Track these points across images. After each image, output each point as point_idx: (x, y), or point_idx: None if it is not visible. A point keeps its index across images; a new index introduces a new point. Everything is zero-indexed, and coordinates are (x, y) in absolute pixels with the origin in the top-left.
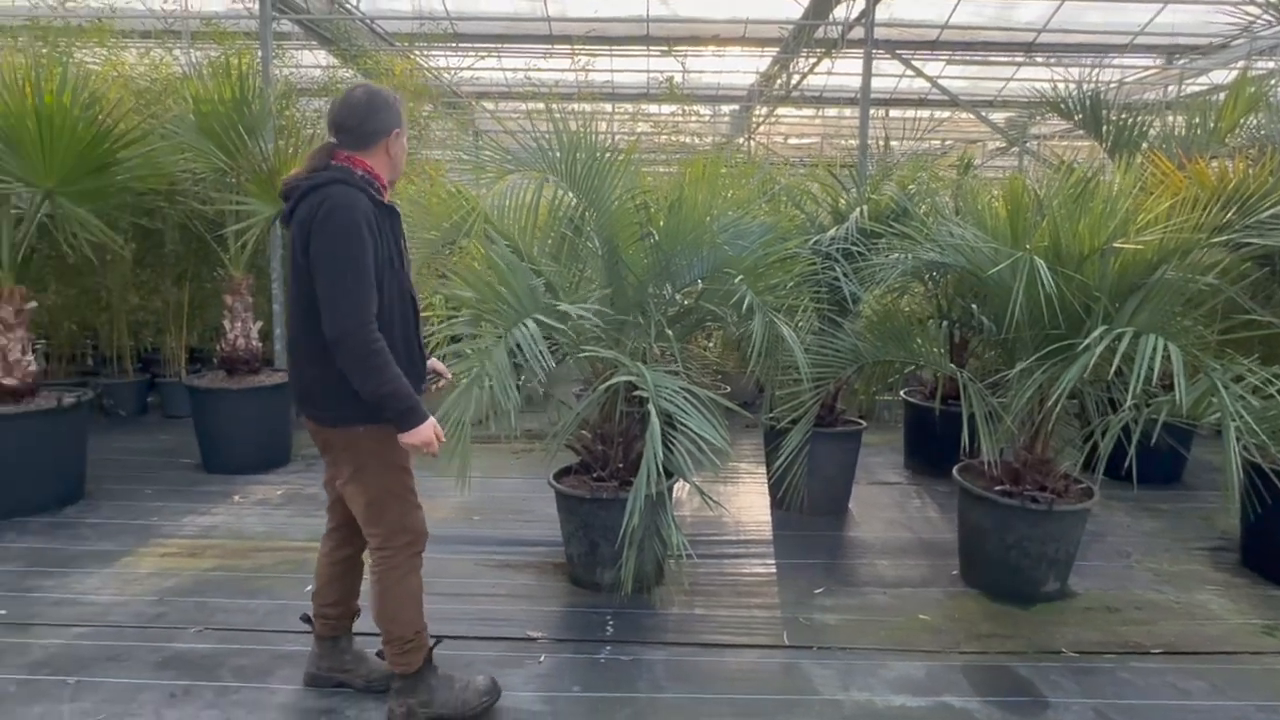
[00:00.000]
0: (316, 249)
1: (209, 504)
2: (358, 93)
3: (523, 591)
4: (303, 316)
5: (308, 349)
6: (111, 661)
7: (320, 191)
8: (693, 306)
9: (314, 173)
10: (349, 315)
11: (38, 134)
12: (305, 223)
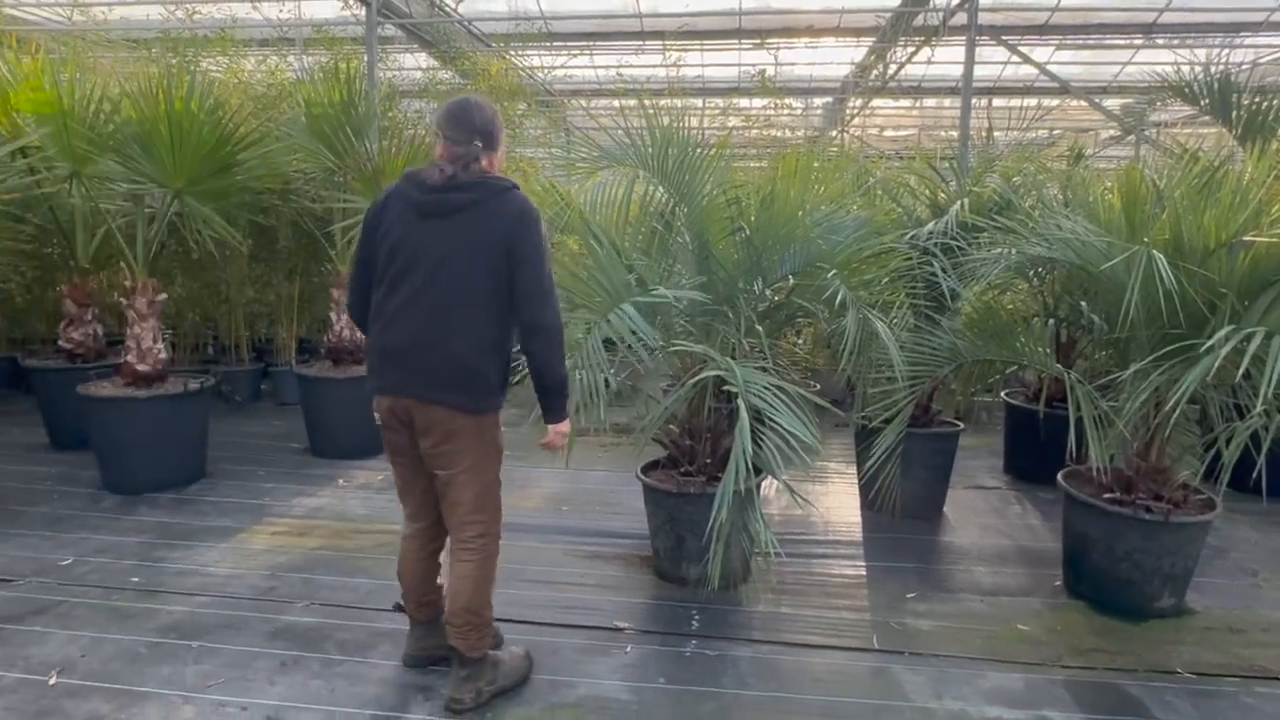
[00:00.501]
0: (527, 246)
1: (316, 487)
2: (480, 100)
3: (610, 582)
4: (482, 309)
5: (478, 339)
6: (229, 630)
7: (511, 195)
8: (783, 302)
9: (485, 176)
10: (555, 306)
11: (169, 138)
12: (515, 228)
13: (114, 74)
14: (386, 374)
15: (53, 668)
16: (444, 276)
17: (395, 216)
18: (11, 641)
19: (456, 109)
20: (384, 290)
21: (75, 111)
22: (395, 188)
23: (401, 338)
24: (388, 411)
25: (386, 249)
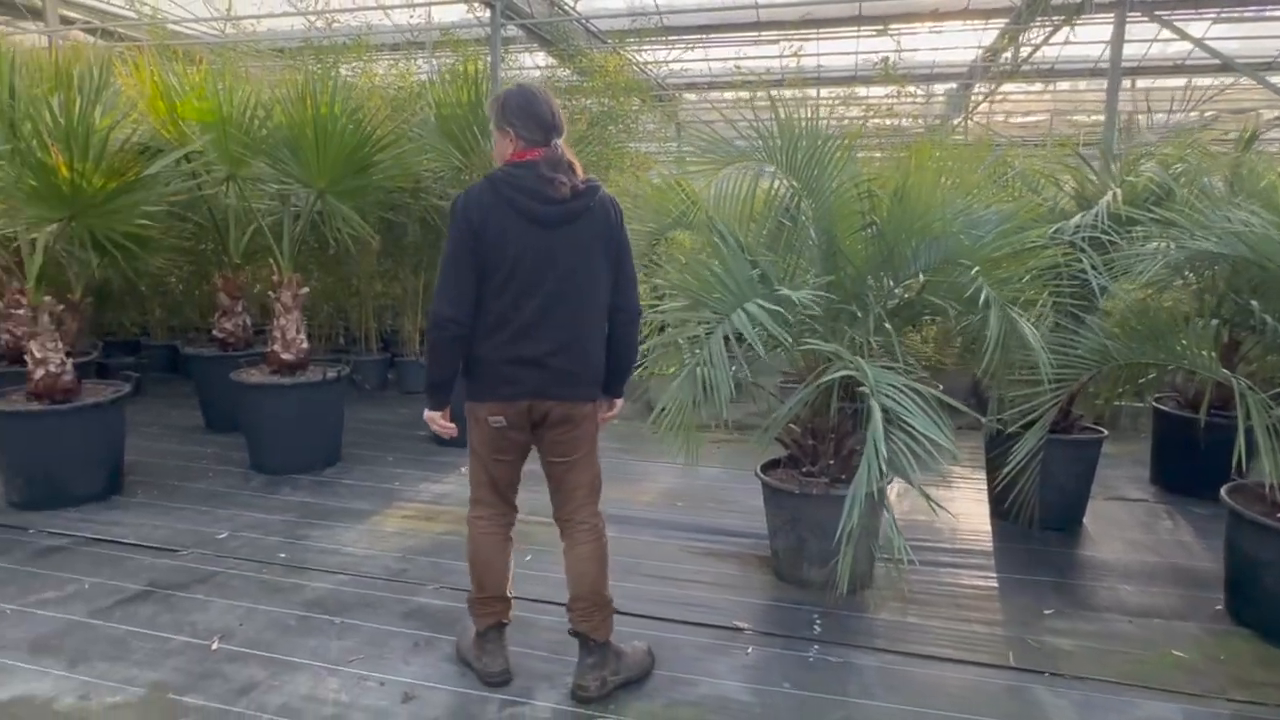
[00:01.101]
0: (624, 236)
1: (441, 473)
2: (543, 90)
3: (727, 581)
4: (602, 305)
5: (597, 332)
6: (367, 608)
7: (603, 190)
8: (912, 299)
9: (586, 178)
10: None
11: (314, 141)
12: (615, 219)
13: (264, 82)
14: (526, 381)
15: (214, 634)
16: (575, 283)
17: (507, 225)
18: (179, 607)
19: (530, 103)
20: (507, 299)
21: (233, 118)
22: (494, 196)
23: (542, 346)
24: (520, 414)
25: (505, 258)
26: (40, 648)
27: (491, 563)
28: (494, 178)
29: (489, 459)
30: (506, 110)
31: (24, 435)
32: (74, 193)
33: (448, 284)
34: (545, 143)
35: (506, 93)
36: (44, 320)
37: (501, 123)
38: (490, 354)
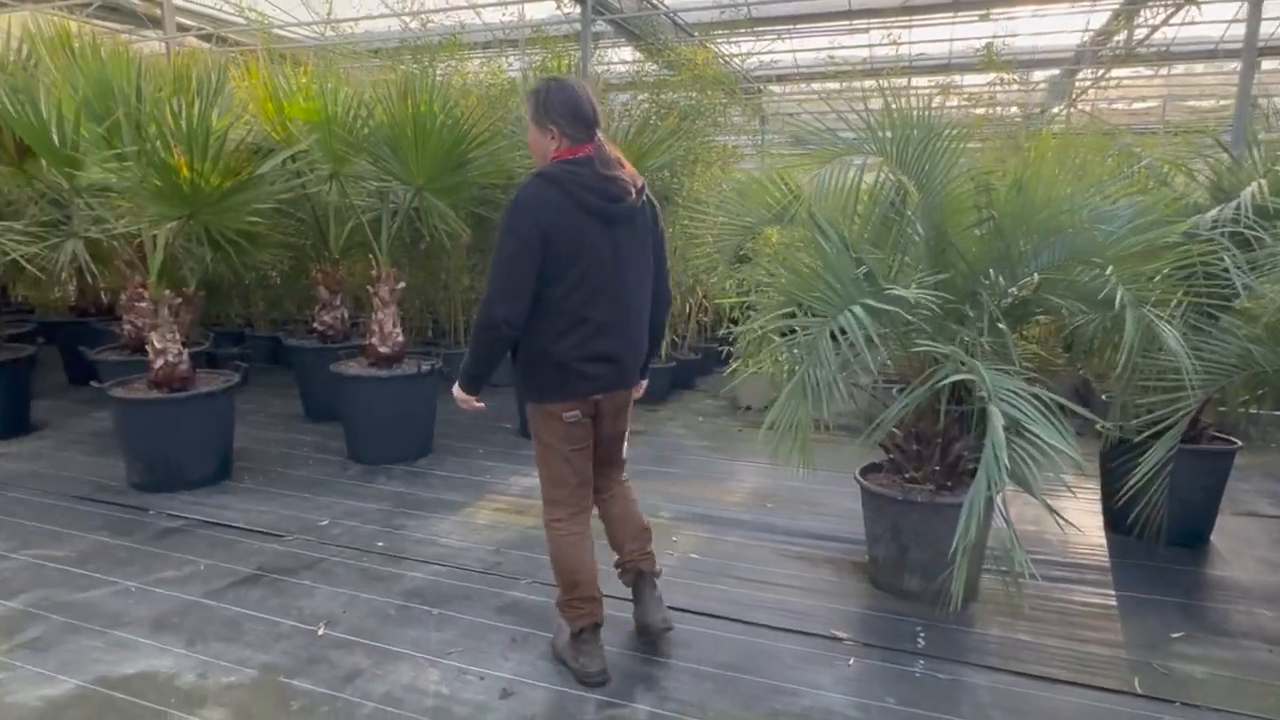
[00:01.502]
0: (663, 232)
1: (529, 467)
2: (585, 87)
3: (822, 587)
4: (648, 295)
5: (645, 321)
6: (464, 600)
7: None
8: (1027, 298)
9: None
10: None
11: (413, 138)
12: (656, 213)
13: (363, 83)
14: (602, 377)
15: (320, 620)
16: (637, 278)
17: (579, 224)
18: (287, 592)
19: (573, 100)
20: (580, 298)
21: (337, 117)
22: (556, 192)
23: (616, 342)
24: (591, 406)
25: (579, 258)
26: (161, 625)
27: (579, 564)
28: (556, 177)
29: (568, 452)
30: (549, 108)
31: (145, 421)
32: (193, 191)
33: (505, 284)
34: (589, 139)
35: (546, 88)
36: (164, 313)
37: (543, 120)
38: (565, 354)
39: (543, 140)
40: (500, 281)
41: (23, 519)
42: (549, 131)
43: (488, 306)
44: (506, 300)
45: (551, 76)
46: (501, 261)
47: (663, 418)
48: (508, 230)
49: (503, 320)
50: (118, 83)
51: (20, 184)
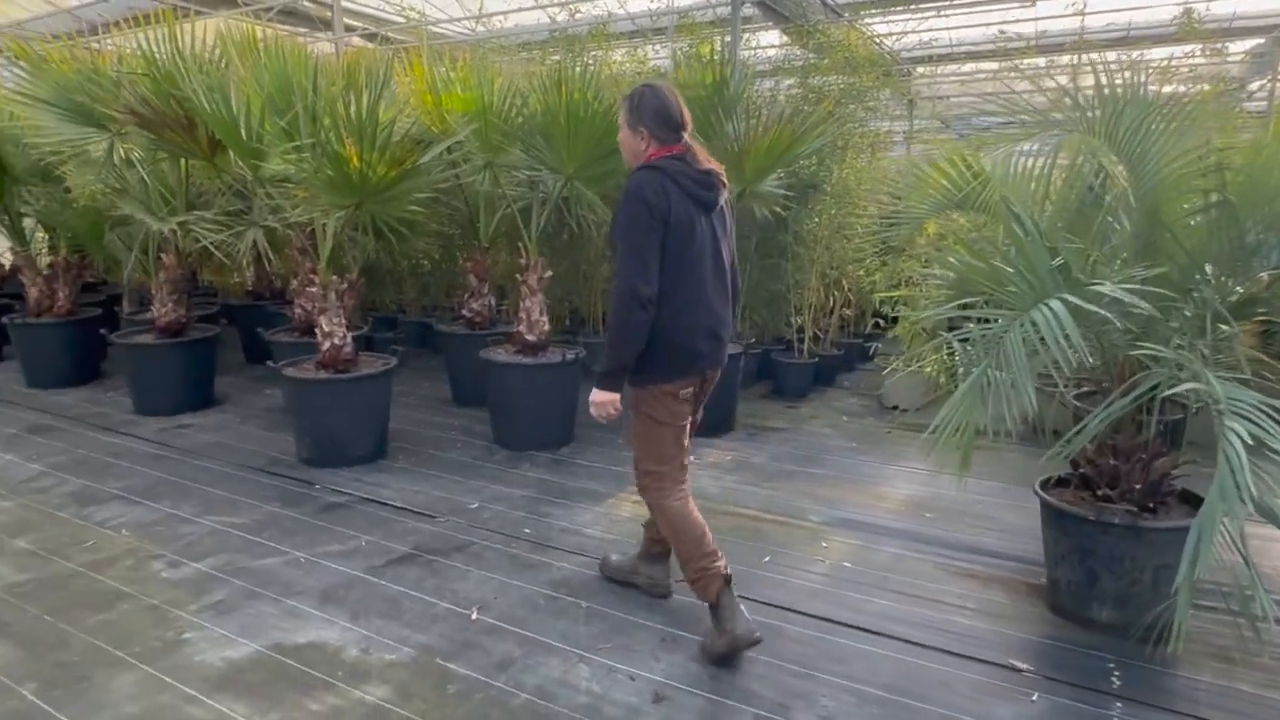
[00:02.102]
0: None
1: None
2: (674, 91)
3: (993, 609)
4: (730, 283)
5: (731, 303)
6: (611, 594)
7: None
8: (1255, 295)
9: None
10: None
11: (566, 127)
12: (732, 207)
13: (515, 74)
14: (712, 354)
15: (473, 604)
16: (724, 261)
17: (690, 212)
18: (441, 573)
19: (663, 105)
20: (695, 281)
21: (493, 107)
22: (668, 182)
23: (716, 317)
24: (701, 384)
25: (692, 243)
26: (328, 598)
27: (699, 525)
28: (665, 168)
29: (677, 428)
30: (641, 111)
31: (313, 400)
32: (361, 181)
33: (642, 264)
34: (678, 141)
35: (639, 93)
36: (331, 298)
37: (635, 123)
38: (682, 334)
39: (634, 142)
40: (634, 262)
41: (207, 486)
42: (640, 134)
43: (628, 286)
44: (645, 279)
45: (645, 82)
46: (631, 244)
47: (804, 415)
48: (632, 216)
49: (647, 298)
50: (297, 79)
51: (211, 176)
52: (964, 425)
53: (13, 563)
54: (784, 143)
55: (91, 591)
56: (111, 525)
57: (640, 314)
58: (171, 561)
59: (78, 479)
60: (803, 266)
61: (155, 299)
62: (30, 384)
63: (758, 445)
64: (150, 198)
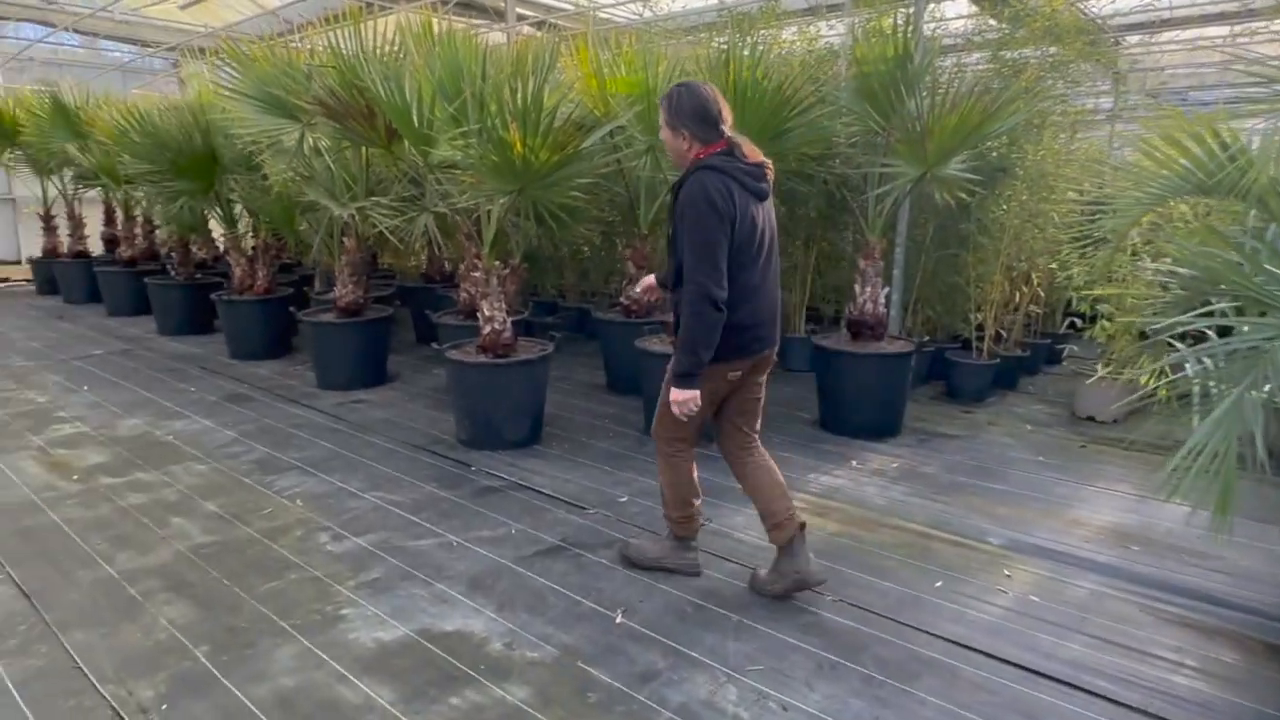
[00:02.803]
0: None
1: (829, 464)
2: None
3: (1222, 671)
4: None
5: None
6: (763, 610)
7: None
8: None
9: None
10: None
11: (732, 108)
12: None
13: (681, 57)
14: (768, 336)
15: (618, 606)
16: (775, 248)
17: (751, 207)
18: (587, 569)
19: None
20: (755, 270)
21: (658, 89)
22: (726, 177)
23: (773, 300)
24: (756, 365)
25: (755, 236)
26: (476, 585)
27: (694, 481)
28: (721, 166)
29: (707, 406)
30: (680, 111)
31: (472, 383)
32: (524, 166)
33: (715, 268)
34: (720, 137)
35: (675, 93)
36: (493, 283)
37: (675, 124)
38: (744, 319)
39: (677, 143)
40: (707, 266)
41: (373, 462)
42: (681, 134)
43: (702, 291)
44: (717, 281)
45: (680, 82)
46: (702, 247)
47: (981, 421)
48: (700, 218)
49: (720, 300)
50: (467, 66)
51: (388, 163)
52: (1223, 454)
53: (202, 525)
54: (973, 121)
55: (265, 559)
56: (288, 495)
57: (715, 316)
58: (336, 535)
59: (263, 448)
60: (986, 258)
61: (337, 280)
62: (232, 355)
63: (928, 453)
64: (334, 184)
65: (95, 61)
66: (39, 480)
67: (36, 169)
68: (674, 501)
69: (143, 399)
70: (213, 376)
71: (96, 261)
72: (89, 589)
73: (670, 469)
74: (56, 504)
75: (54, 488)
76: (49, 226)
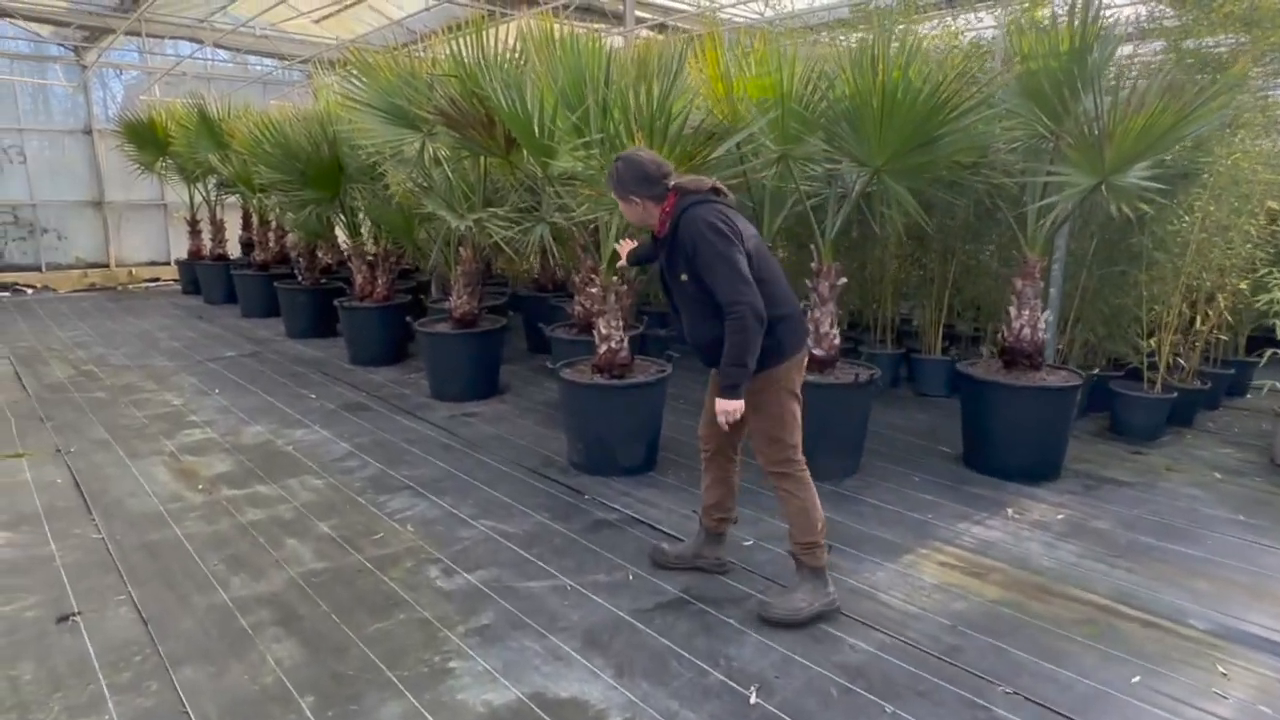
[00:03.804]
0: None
1: (981, 512)
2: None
3: None
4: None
5: None
6: (921, 698)
7: None
8: None
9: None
10: None
11: (878, 112)
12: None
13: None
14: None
15: (751, 681)
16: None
17: (739, 220)
18: (714, 631)
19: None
20: (770, 268)
21: (793, 93)
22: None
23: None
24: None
25: (754, 240)
26: (592, 641)
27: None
28: (704, 199)
29: (801, 398)
30: (625, 185)
31: (588, 405)
32: None
33: (745, 282)
34: (669, 186)
35: (615, 170)
36: (610, 300)
37: (625, 194)
38: (788, 313)
39: (635, 209)
40: (739, 283)
41: (485, 485)
42: (634, 202)
43: (744, 307)
44: (753, 295)
45: (617, 156)
46: (727, 267)
47: (1157, 466)
48: (712, 246)
49: (760, 312)
50: (590, 71)
51: (506, 173)
52: None
53: (314, 548)
54: (1165, 122)
55: (374, 592)
56: (399, 518)
57: (758, 327)
58: (446, 569)
59: (376, 463)
60: (1164, 276)
61: (453, 290)
62: (352, 360)
63: (1097, 502)
64: (453, 195)
65: (240, 75)
66: (167, 490)
67: (184, 176)
68: (812, 524)
69: (266, 405)
70: (333, 383)
71: (234, 264)
72: (202, 617)
73: (799, 486)
74: (181, 517)
75: (180, 498)
76: (194, 230)
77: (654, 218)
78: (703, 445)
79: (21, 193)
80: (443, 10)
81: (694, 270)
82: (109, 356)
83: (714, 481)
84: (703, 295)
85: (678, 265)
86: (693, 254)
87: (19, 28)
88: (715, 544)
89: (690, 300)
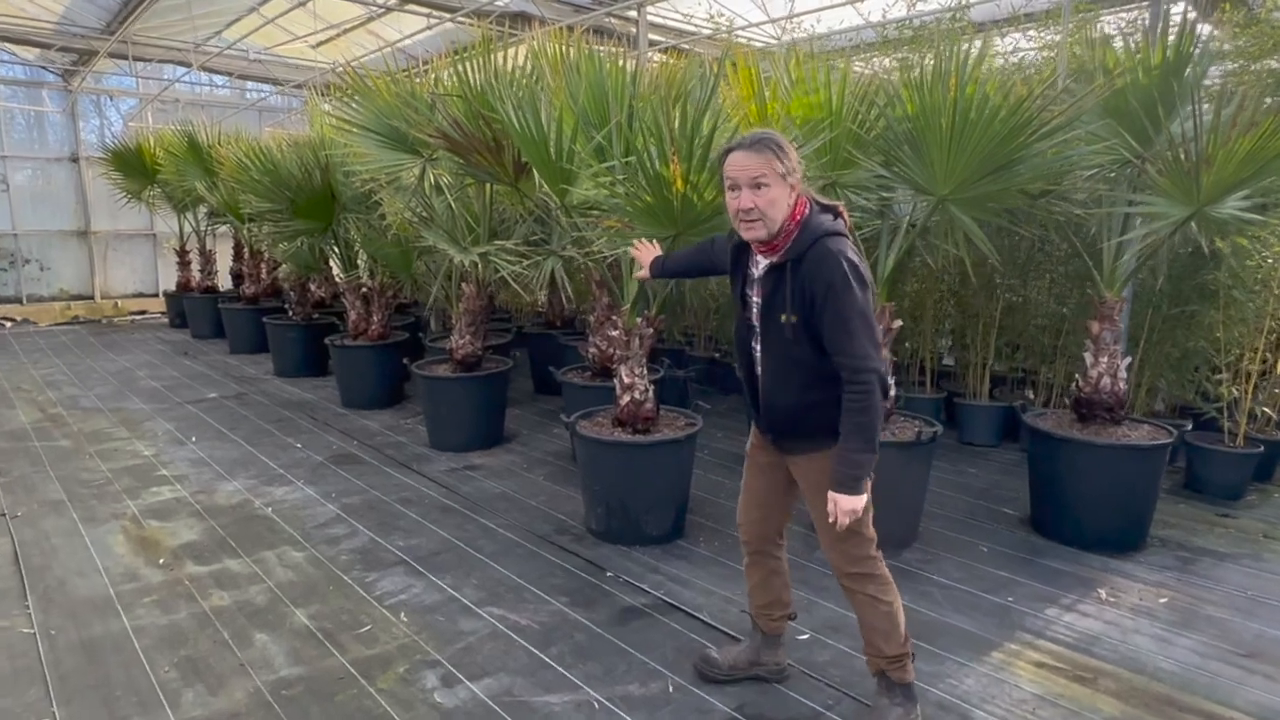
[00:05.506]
0: None
1: (1067, 592)
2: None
3: None
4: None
5: None
6: None
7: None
8: None
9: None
10: None
11: (947, 133)
12: None
13: (879, 70)
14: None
15: None
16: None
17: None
18: None
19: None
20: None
21: (844, 111)
22: (846, 239)
23: None
24: None
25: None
26: None
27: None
28: (844, 231)
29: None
30: (787, 155)
31: (610, 465)
32: (685, 208)
33: (876, 345)
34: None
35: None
36: (635, 345)
37: (786, 171)
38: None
39: (765, 197)
40: (872, 346)
41: (491, 560)
42: (781, 188)
43: (873, 374)
44: (883, 361)
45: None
46: (863, 324)
47: (1252, 532)
48: (860, 292)
49: (888, 382)
50: (615, 89)
51: (514, 202)
52: None
53: (289, 646)
54: (1274, 147)
55: (357, 712)
56: (391, 604)
57: (882, 398)
58: (446, 676)
59: (367, 530)
60: (1244, 317)
61: (454, 329)
62: (344, 404)
63: (1199, 580)
64: (455, 226)
65: (235, 101)
66: (121, 566)
67: (173, 205)
68: (900, 633)
69: (247, 456)
70: (322, 430)
71: (222, 297)
72: None
73: (883, 588)
74: (133, 603)
75: (135, 576)
76: (183, 261)
77: (774, 222)
78: (744, 537)
79: (2, 222)
80: (444, 33)
81: (811, 316)
82: (80, 398)
83: (765, 578)
84: (807, 350)
85: (787, 303)
86: (823, 299)
87: (7, 52)
88: (774, 647)
89: (785, 350)
